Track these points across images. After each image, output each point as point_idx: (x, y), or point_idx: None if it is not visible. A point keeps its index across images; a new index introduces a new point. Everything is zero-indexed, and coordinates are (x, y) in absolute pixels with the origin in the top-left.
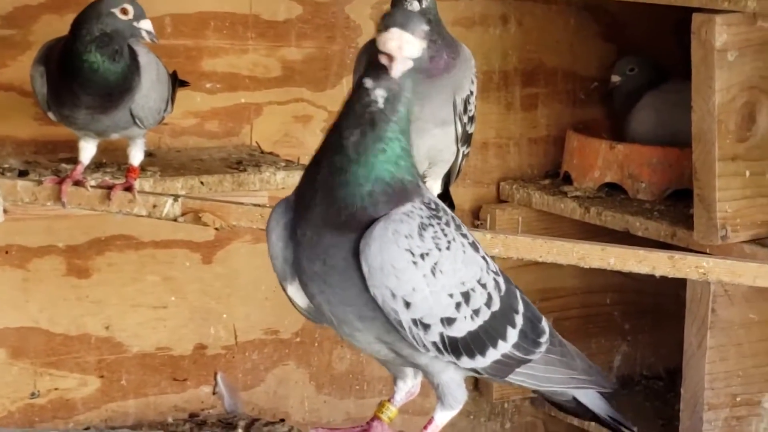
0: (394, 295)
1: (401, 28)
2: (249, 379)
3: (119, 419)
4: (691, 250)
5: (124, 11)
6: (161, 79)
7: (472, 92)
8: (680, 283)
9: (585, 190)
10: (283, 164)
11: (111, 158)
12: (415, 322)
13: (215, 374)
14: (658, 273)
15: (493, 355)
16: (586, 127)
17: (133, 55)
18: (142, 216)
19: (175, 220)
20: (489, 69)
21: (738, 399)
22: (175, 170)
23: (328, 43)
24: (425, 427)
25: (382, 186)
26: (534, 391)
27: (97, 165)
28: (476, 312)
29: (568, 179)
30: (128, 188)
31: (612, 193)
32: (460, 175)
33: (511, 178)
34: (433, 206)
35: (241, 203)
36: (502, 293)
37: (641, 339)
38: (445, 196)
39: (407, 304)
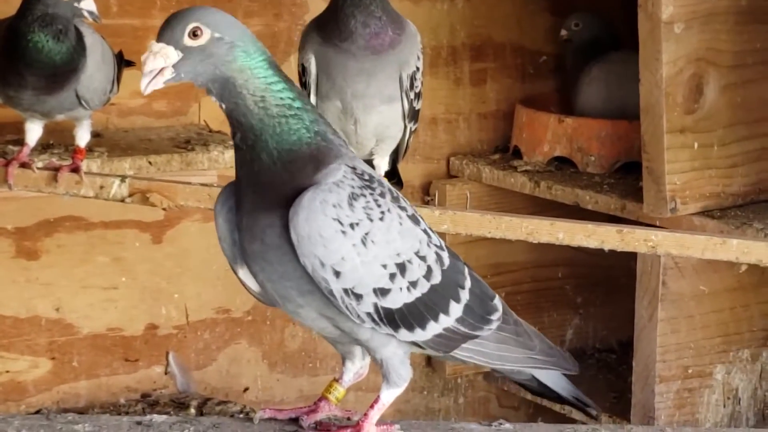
0: (323, 264)
1: (158, 40)
2: (201, 359)
3: (71, 401)
4: (640, 223)
5: None
6: (106, 59)
7: (418, 68)
8: (631, 256)
9: (535, 165)
10: (231, 143)
11: (58, 139)
12: (346, 291)
13: (167, 354)
14: (607, 247)
15: (434, 328)
16: (535, 102)
17: (79, 36)
18: (89, 197)
19: (122, 200)
20: (437, 44)
21: (690, 371)
22: (123, 150)
23: (275, 21)
24: (371, 406)
25: (292, 152)
26: (493, 370)
27: (44, 146)
28: (413, 284)
29: (517, 154)
30: (75, 169)
31: (561, 167)
32: (408, 151)
33: (461, 153)
34: (366, 177)
35: (189, 183)
36: (445, 267)
37: (593, 312)
38: (393, 173)
39: (337, 273)
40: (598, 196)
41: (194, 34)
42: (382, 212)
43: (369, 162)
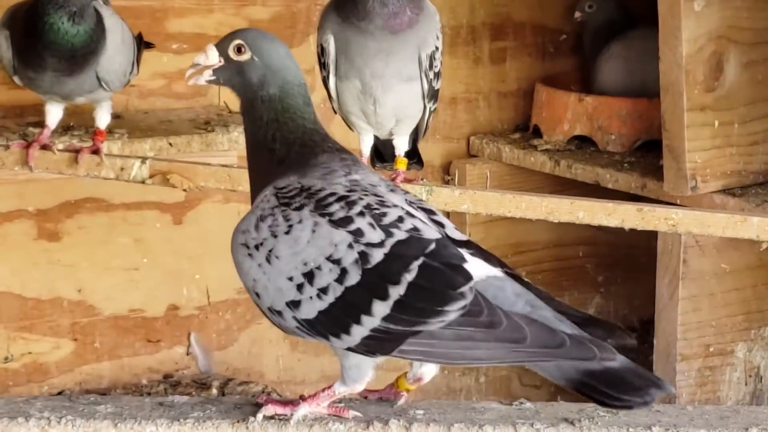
0: (247, 289)
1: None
2: (223, 339)
3: (93, 382)
4: (661, 202)
5: None
6: (126, 41)
7: (437, 48)
8: (652, 234)
9: (555, 144)
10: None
11: (79, 121)
12: (270, 310)
13: (189, 335)
14: (627, 226)
15: (359, 331)
16: (554, 80)
17: (99, 18)
18: (110, 179)
19: (143, 182)
20: (456, 23)
21: (711, 349)
22: (143, 132)
23: (294, 1)
24: (323, 390)
25: (252, 169)
26: None
27: (65, 128)
28: (323, 290)
29: (537, 133)
30: (95, 151)
31: (582, 145)
32: (428, 131)
33: (481, 132)
34: (292, 192)
35: (209, 164)
36: (370, 265)
37: (614, 291)
38: (413, 152)
39: (257, 295)
40: (618, 174)
41: (238, 50)
42: (290, 225)
43: (389, 142)
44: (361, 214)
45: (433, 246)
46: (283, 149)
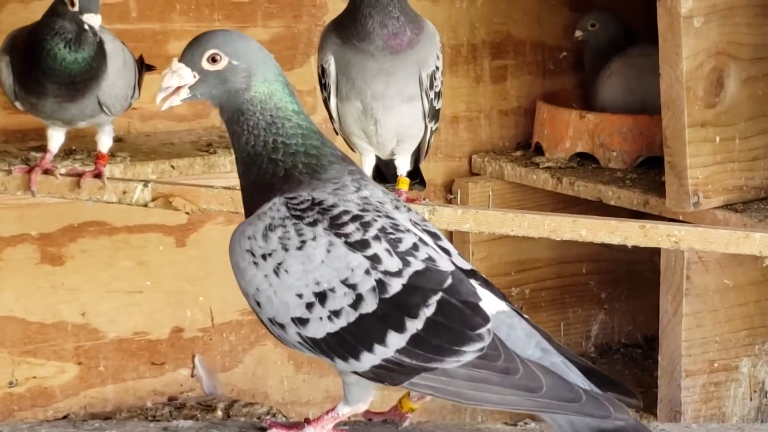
0: (247, 294)
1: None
2: (227, 361)
3: (98, 405)
4: (663, 218)
5: (71, 2)
6: (128, 65)
7: (437, 67)
8: (655, 250)
9: (557, 161)
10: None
11: (81, 145)
12: (271, 321)
13: (193, 357)
14: (630, 243)
15: (370, 359)
16: (555, 98)
17: (99, 43)
18: (112, 203)
19: (145, 205)
20: (457, 42)
21: (715, 365)
22: (145, 155)
23: (294, 22)
24: (327, 412)
25: (255, 185)
26: None
27: (66, 152)
28: (335, 313)
29: (539, 150)
30: (98, 175)
31: (584, 162)
32: (430, 150)
33: (483, 150)
34: (304, 205)
35: (212, 186)
36: (387, 295)
37: (618, 307)
38: (416, 172)
39: (258, 303)
40: (620, 191)
41: (213, 60)
42: (303, 241)
43: (391, 162)
44: (377, 238)
45: (450, 280)
46: (288, 159)
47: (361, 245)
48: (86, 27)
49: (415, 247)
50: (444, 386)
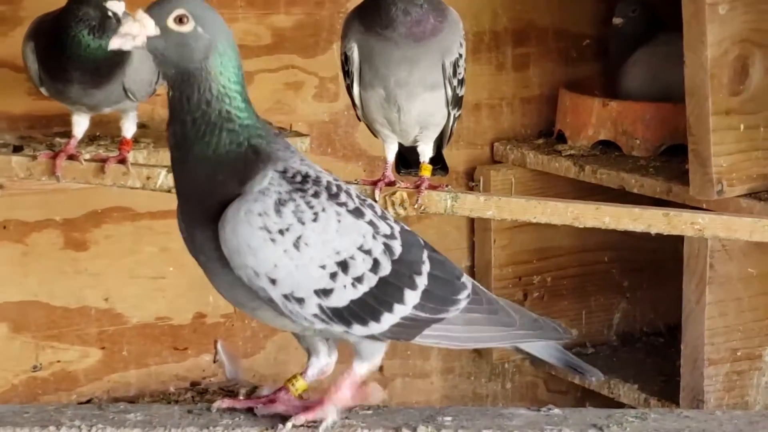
0: (257, 274)
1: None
2: (249, 347)
3: (121, 390)
4: (687, 206)
5: None
6: None
7: (461, 55)
8: (678, 239)
9: (579, 149)
10: (275, 131)
11: (105, 131)
12: (286, 297)
13: (215, 342)
14: (653, 231)
15: (389, 319)
16: (578, 85)
17: None
18: (136, 188)
19: (169, 191)
20: (479, 30)
21: (738, 353)
22: None
23: (317, 9)
24: (345, 378)
25: (215, 163)
26: None
27: (91, 138)
28: (358, 279)
29: (562, 138)
30: (122, 161)
31: (606, 150)
32: (452, 137)
33: (505, 138)
34: (299, 178)
35: None
36: (396, 257)
37: (640, 295)
38: (438, 159)
39: (273, 281)
40: (643, 179)
41: (180, 21)
42: (315, 213)
43: (413, 149)
44: (362, 204)
45: (420, 238)
46: (245, 132)
47: (358, 213)
48: (110, 14)
49: (380, 210)
50: (446, 333)
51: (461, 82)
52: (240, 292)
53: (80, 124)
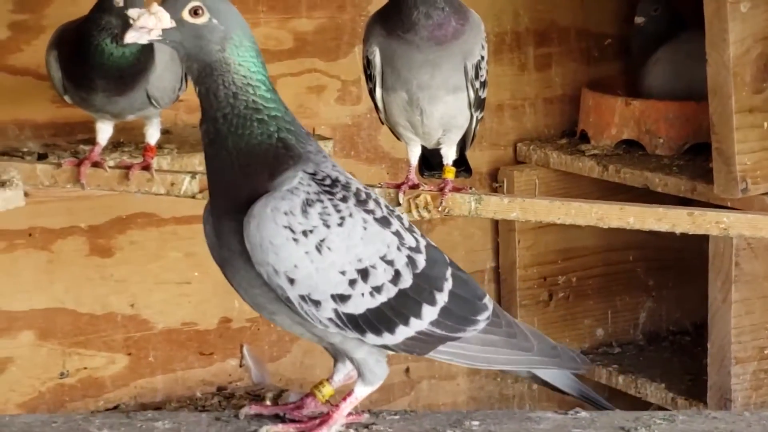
0: (276, 271)
1: (161, 3)
2: (275, 351)
3: (148, 396)
4: (711, 205)
5: None
6: (174, 57)
7: (482, 57)
8: (703, 237)
9: (602, 148)
10: (306, 132)
11: (128, 137)
12: (303, 298)
13: (241, 347)
14: (678, 230)
15: (405, 332)
16: (601, 85)
17: None
18: (160, 194)
19: (193, 197)
20: (501, 30)
21: (766, 351)
22: (192, 146)
23: (338, 13)
24: (344, 398)
25: (248, 154)
26: None
27: (114, 144)
28: (377, 289)
29: (585, 138)
30: (146, 167)
31: (630, 149)
32: (475, 139)
33: (528, 139)
34: (328, 182)
35: None
36: (419, 270)
37: (666, 294)
38: (461, 161)
39: (291, 280)
40: (667, 178)
41: (195, 12)
42: (342, 218)
43: (436, 151)
44: (390, 214)
45: (445, 255)
46: (273, 123)
47: (385, 222)
48: (131, 21)
49: (407, 222)
50: (461, 351)
51: (483, 84)
52: (259, 292)
53: (104, 131)
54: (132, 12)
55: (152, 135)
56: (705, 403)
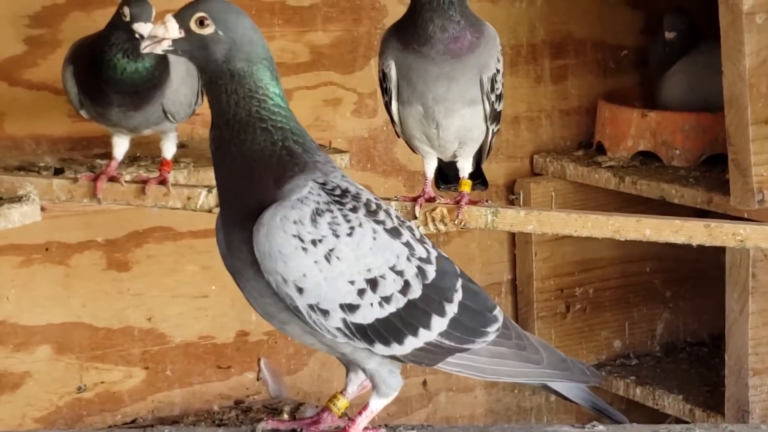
0: (285, 280)
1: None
2: (292, 364)
3: (166, 409)
4: (728, 216)
5: (124, 13)
6: (191, 72)
7: (498, 70)
8: (720, 248)
9: (619, 160)
10: (318, 145)
11: (145, 151)
12: (311, 307)
13: (258, 360)
14: (694, 242)
15: (413, 343)
16: (617, 97)
17: None
18: (177, 209)
19: (209, 211)
20: (517, 43)
21: None
22: (208, 160)
23: (354, 26)
24: (360, 412)
25: (252, 161)
26: None
27: (131, 159)
28: (386, 299)
29: (601, 149)
30: (162, 182)
31: (646, 161)
32: (491, 151)
33: (544, 150)
34: (338, 192)
35: None
36: (429, 281)
37: (683, 306)
38: (478, 173)
39: (300, 290)
40: (684, 189)
41: (200, 23)
42: (351, 228)
43: (452, 164)
44: (401, 225)
45: (456, 266)
46: (279, 133)
47: (395, 233)
48: (137, 36)
49: (418, 233)
50: (470, 363)
51: (499, 97)
52: (269, 301)
53: (120, 145)
54: (137, 26)
55: (168, 149)
56: (723, 415)
